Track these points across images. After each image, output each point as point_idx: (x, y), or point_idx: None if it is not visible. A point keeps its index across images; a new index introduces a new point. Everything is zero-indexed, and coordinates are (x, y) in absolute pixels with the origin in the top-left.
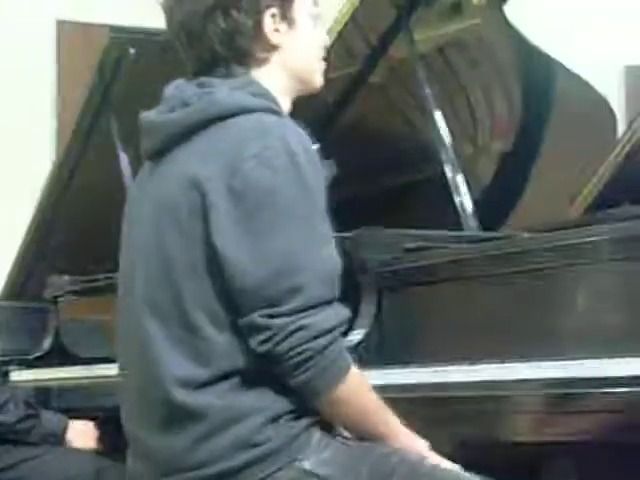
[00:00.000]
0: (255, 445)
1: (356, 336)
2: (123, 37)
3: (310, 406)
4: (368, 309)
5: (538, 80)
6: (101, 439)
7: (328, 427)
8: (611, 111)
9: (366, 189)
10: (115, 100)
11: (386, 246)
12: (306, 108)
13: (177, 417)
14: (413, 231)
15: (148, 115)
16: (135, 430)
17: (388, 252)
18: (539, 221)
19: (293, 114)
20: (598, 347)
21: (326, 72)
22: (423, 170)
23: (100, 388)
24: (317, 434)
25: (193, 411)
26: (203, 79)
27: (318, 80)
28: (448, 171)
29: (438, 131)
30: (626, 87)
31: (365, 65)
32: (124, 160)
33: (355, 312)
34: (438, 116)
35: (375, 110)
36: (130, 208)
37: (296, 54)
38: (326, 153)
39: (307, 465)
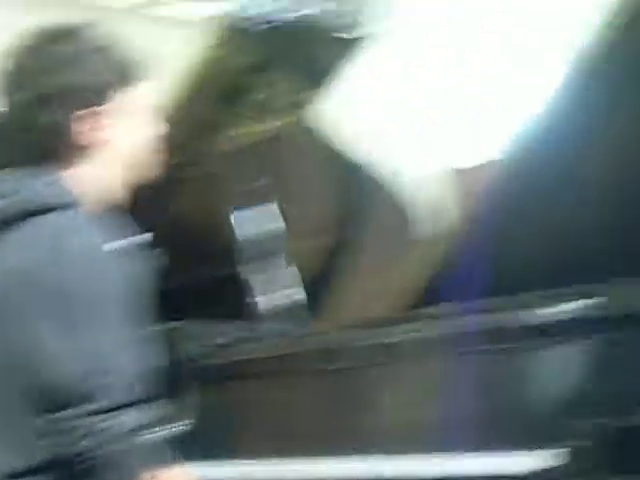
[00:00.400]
0: None
1: (174, 430)
2: None
3: None
4: (188, 402)
5: (353, 173)
6: None
7: None
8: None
9: (190, 280)
10: None
11: (206, 339)
12: (136, 197)
13: None
14: (231, 324)
15: None
16: None
17: (207, 346)
18: (356, 315)
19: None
20: (408, 445)
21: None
22: (230, 265)
23: None
24: None
25: None
26: (22, 172)
27: (147, 171)
28: (259, 266)
29: (252, 226)
30: None
31: (186, 158)
32: None
33: (175, 405)
34: (254, 211)
35: (195, 203)
36: None
37: (121, 148)
38: (155, 243)
39: None
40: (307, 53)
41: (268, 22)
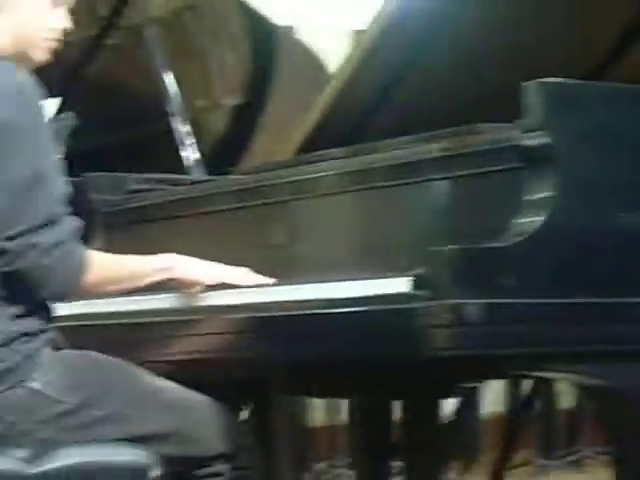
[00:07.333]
0: None
1: None
2: None
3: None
4: (97, 247)
5: (263, 39)
6: None
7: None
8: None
9: (108, 140)
10: None
11: (111, 188)
12: (49, 66)
13: None
14: (136, 175)
15: None
16: None
17: (113, 193)
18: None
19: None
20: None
21: (69, 34)
22: (158, 123)
23: None
24: (48, 355)
25: None
26: None
27: (39, 56)
28: (175, 124)
29: (167, 88)
30: None
31: (105, 27)
32: None
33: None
34: (168, 74)
35: (116, 69)
36: None
37: (20, 25)
38: (69, 106)
39: (36, 385)
40: None
41: None
